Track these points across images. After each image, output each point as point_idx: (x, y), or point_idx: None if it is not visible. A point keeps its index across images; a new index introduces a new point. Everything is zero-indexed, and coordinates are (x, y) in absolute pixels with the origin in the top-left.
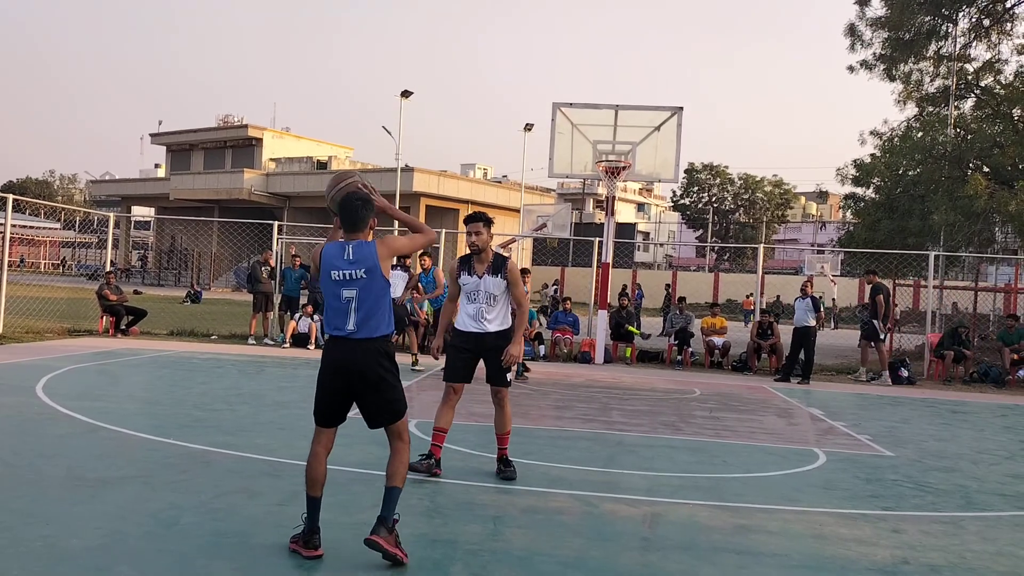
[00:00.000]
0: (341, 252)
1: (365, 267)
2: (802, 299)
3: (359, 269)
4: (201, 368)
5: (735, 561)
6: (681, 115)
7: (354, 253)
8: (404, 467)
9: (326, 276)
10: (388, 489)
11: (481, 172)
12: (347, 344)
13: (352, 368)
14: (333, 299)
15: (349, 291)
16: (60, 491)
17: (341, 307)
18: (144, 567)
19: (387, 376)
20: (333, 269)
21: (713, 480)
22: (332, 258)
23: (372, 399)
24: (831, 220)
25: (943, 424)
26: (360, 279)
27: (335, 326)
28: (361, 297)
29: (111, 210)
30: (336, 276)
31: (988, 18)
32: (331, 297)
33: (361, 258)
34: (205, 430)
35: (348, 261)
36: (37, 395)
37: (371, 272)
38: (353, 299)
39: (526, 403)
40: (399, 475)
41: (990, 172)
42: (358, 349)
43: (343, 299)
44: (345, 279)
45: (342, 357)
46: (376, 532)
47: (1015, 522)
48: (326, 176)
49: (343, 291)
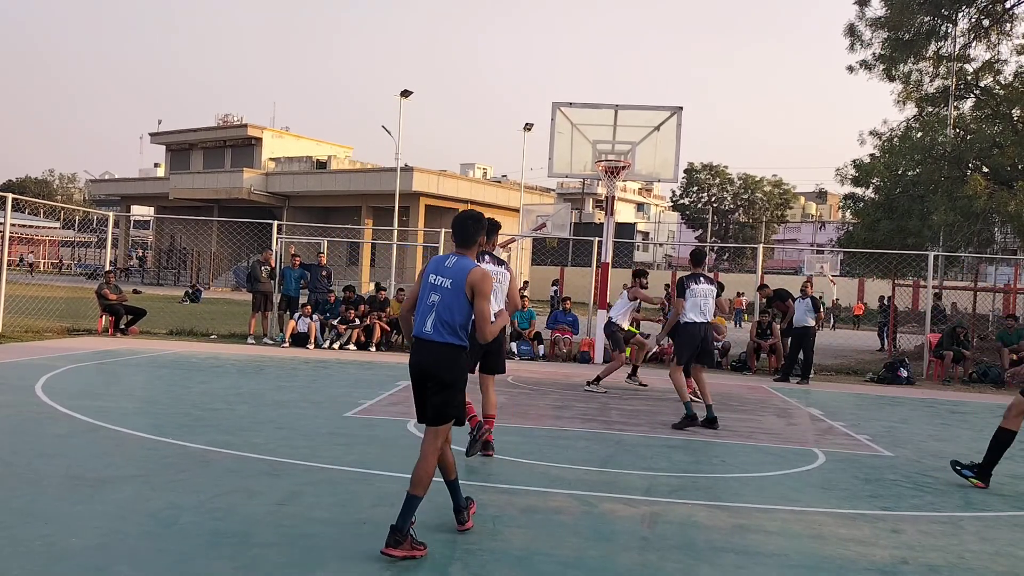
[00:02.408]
0: (444, 260)
1: (453, 280)
2: (802, 299)
3: (448, 280)
4: (200, 368)
5: (733, 561)
6: (681, 115)
7: (454, 264)
8: (426, 475)
9: (425, 279)
10: (407, 496)
11: (481, 172)
12: (422, 344)
13: (421, 366)
14: (423, 301)
15: (435, 296)
16: (59, 490)
17: (426, 309)
18: (143, 566)
19: (447, 380)
20: (432, 273)
21: (712, 480)
22: (436, 264)
23: (430, 396)
24: (830, 220)
25: (942, 424)
26: (446, 288)
27: (417, 326)
28: (442, 304)
29: (110, 209)
30: (432, 280)
31: (987, 18)
32: (422, 299)
33: (456, 271)
34: (204, 429)
35: (447, 268)
36: (36, 394)
37: (456, 286)
38: (436, 304)
39: (525, 403)
40: (420, 483)
41: (989, 172)
42: (429, 349)
43: (429, 302)
44: (436, 284)
45: (416, 356)
46: (387, 544)
47: (1014, 522)
48: (325, 176)
49: (431, 295)
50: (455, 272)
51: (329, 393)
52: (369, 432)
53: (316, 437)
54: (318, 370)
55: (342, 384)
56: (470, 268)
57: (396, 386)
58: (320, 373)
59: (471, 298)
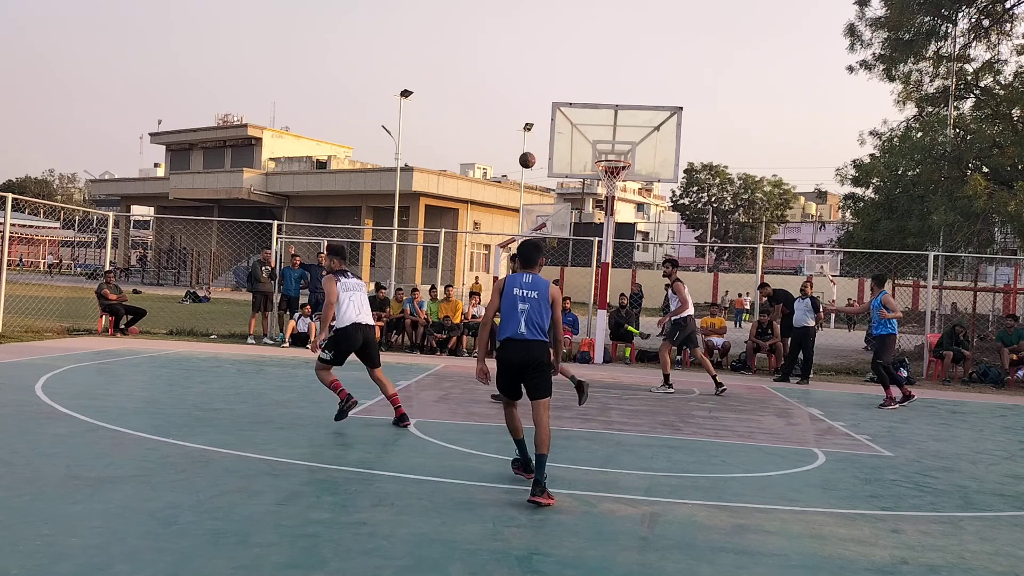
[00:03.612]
0: (520, 278)
1: (537, 291)
2: (801, 299)
3: (532, 292)
4: (200, 368)
5: (733, 561)
6: (680, 115)
7: (531, 280)
8: (547, 436)
9: (508, 292)
10: (537, 456)
11: (480, 172)
12: (518, 343)
13: (524, 358)
14: (510, 310)
15: (523, 305)
16: (59, 490)
17: (516, 316)
18: (143, 566)
19: (543, 365)
20: (515, 287)
21: (712, 480)
22: (512, 281)
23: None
24: (830, 220)
25: (942, 424)
26: (532, 299)
27: (513, 329)
28: (530, 311)
29: (110, 209)
30: (516, 293)
31: (987, 18)
32: (508, 308)
33: (535, 286)
34: (204, 429)
35: (526, 284)
36: (36, 394)
37: (542, 296)
38: (526, 311)
39: (525, 403)
40: (544, 444)
41: (989, 172)
42: (528, 347)
43: (519, 311)
44: (522, 296)
45: (515, 351)
46: (534, 494)
47: (1014, 522)
48: (325, 176)
49: (519, 304)
50: (537, 286)
51: (329, 393)
52: (369, 432)
53: (316, 437)
54: None
55: (342, 384)
56: (547, 283)
57: (396, 386)
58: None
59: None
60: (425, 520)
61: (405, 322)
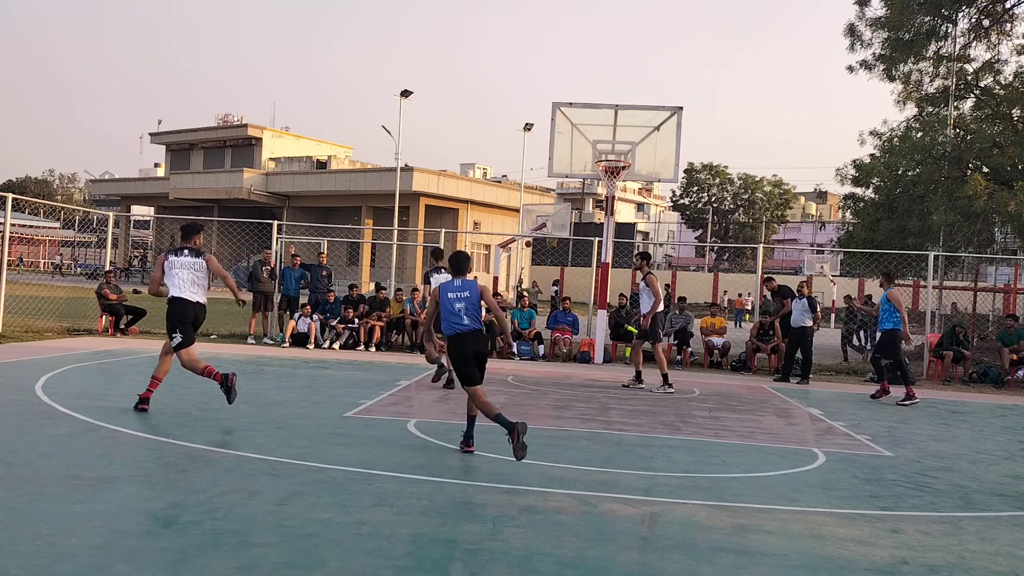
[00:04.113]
0: (452, 284)
1: (469, 292)
2: (799, 300)
3: (464, 292)
4: None
5: (733, 561)
6: (680, 115)
7: (462, 284)
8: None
9: (444, 297)
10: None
11: (481, 172)
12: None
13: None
14: (450, 311)
15: (460, 304)
16: (59, 490)
17: (458, 314)
18: (143, 566)
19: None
20: (449, 292)
21: (712, 480)
22: (446, 288)
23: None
24: (830, 220)
25: (942, 424)
26: (466, 298)
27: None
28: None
29: (110, 209)
30: (451, 296)
31: (988, 18)
32: (448, 310)
33: (465, 287)
34: (204, 429)
35: (457, 287)
36: (36, 394)
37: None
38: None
39: (525, 403)
40: (490, 413)
41: (989, 172)
42: (477, 336)
43: (457, 309)
44: (457, 298)
45: (468, 343)
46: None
47: (1014, 522)
48: (325, 176)
49: (456, 304)
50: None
51: (329, 393)
52: (369, 432)
53: (316, 437)
54: (318, 370)
55: (342, 384)
56: (475, 283)
57: (396, 386)
58: (320, 373)
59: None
60: (425, 520)
61: (405, 322)
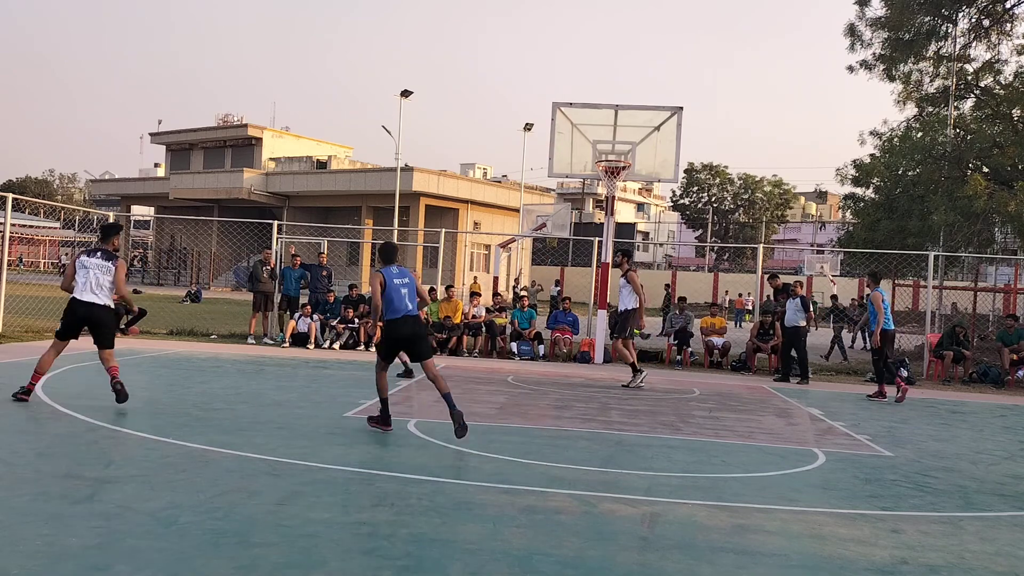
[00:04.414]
0: (392, 271)
1: (408, 278)
2: (791, 299)
3: (405, 279)
4: (200, 368)
5: (733, 561)
6: (681, 115)
7: (399, 271)
8: (443, 380)
9: (390, 283)
10: (446, 395)
11: (481, 172)
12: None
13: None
14: (396, 295)
15: (404, 289)
16: (59, 490)
17: (403, 299)
18: (142, 566)
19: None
20: (394, 279)
21: (712, 480)
22: (389, 275)
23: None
24: (831, 220)
25: (942, 424)
26: (407, 283)
27: (403, 309)
28: (409, 292)
29: (111, 209)
30: (396, 283)
31: (988, 18)
32: (394, 294)
33: (404, 274)
34: (204, 429)
35: (397, 274)
36: (37, 394)
37: (411, 279)
38: (406, 294)
39: (526, 403)
40: (445, 386)
41: (990, 172)
42: (415, 321)
43: (403, 294)
44: (403, 284)
45: (406, 326)
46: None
47: (1014, 522)
48: (326, 176)
49: (402, 289)
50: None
51: (329, 393)
52: (369, 432)
53: (316, 437)
54: (318, 370)
55: (342, 384)
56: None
57: (396, 386)
58: (320, 373)
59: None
60: (425, 520)
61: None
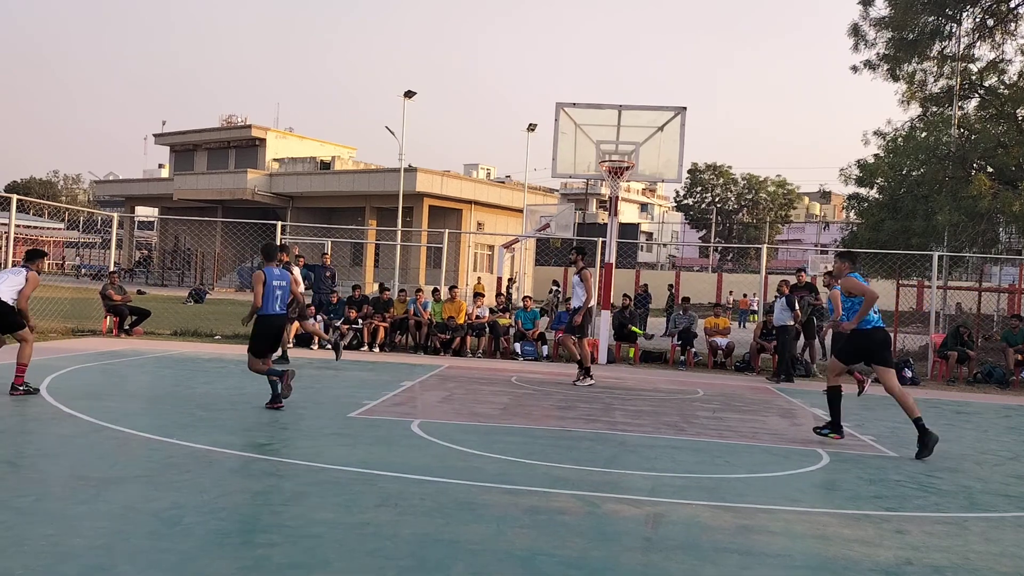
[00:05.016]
0: (273, 271)
1: (285, 280)
2: (779, 298)
3: (283, 281)
4: (204, 368)
5: (737, 561)
6: (684, 115)
7: (280, 272)
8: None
9: (269, 283)
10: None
11: (484, 172)
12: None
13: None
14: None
15: (279, 292)
16: (63, 490)
17: (276, 298)
18: (147, 566)
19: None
20: (273, 280)
21: (716, 480)
22: (270, 275)
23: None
24: (835, 220)
25: (947, 425)
26: (283, 286)
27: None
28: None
29: (115, 210)
30: (275, 283)
31: (992, 18)
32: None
33: (283, 276)
34: (208, 430)
35: (278, 275)
36: (41, 395)
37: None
38: (280, 296)
39: (529, 403)
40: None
41: (994, 172)
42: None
43: (276, 295)
44: (279, 285)
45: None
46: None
47: (1019, 523)
48: (329, 176)
49: (276, 291)
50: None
51: (332, 393)
52: (373, 432)
53: (320, 437)
54: (321, 370)
55: (345, 384)
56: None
57: (400, 387)
58: (323, 373)
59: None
60: (428, 520)
61: (409, 323)
